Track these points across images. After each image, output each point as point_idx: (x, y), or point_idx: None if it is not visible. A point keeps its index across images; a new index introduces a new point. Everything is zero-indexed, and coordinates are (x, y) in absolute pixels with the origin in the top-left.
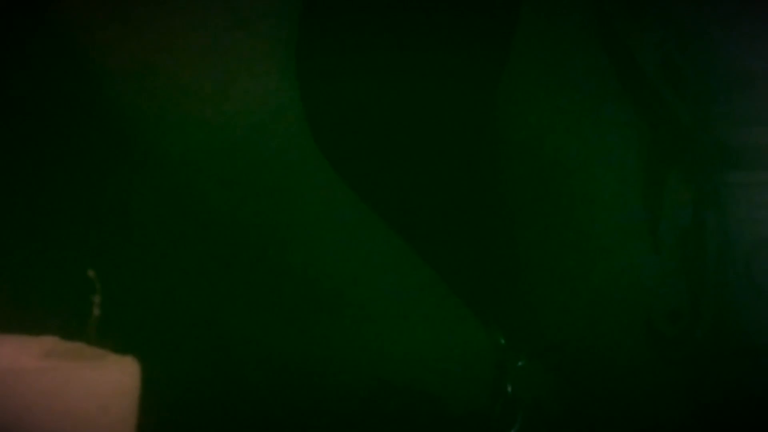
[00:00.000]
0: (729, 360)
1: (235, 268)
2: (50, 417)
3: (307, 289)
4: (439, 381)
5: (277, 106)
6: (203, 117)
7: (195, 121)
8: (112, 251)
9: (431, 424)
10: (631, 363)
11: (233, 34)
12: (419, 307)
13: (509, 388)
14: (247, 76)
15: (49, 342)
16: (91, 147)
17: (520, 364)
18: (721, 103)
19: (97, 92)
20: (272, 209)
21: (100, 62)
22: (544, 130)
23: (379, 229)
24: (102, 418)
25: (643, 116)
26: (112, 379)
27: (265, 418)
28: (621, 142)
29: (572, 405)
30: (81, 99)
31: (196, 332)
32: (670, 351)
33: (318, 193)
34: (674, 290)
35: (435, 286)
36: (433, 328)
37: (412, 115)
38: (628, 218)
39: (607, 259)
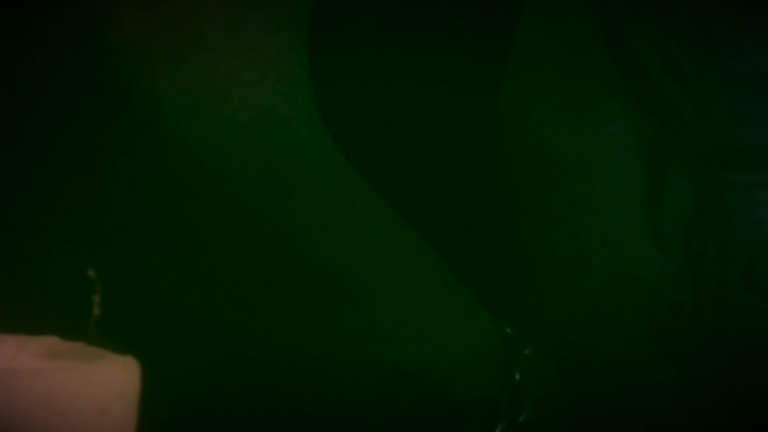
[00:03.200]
0: (729, 359)
1: (239, 265)
2: (50, 417)
3: (317, 280)
4: (448, 368)
5: (294, 104)
6: (219, 115)
7: (210, 118)
8: (112, 250)
9: (441, 411)
10: (632, 356)
11: (256, 35)
12: (429, 297)
13: (517, 376)
14: (267, 76)
15: (49, 342)
16: (96, 144)
17: (527, 352)
18: (722, 103)
19: (113, 88)
20: (284, 205)
21: (118, 57)
22: (547, 128)
23: (390, 222)
24: (102, 418)
25: (645, 114)
26: (112, 379)
27: (271, 410)
28: (623, 140)
29: (576, 396)
30: (92, 95)
31: (198, 332)
32: (672, 344)
33: (332, 190)
34: (676, 284)
35: (444, 277)
36: (442, 317)
37: (420, 113)
38: (631, 214)
39: (609, 253)
